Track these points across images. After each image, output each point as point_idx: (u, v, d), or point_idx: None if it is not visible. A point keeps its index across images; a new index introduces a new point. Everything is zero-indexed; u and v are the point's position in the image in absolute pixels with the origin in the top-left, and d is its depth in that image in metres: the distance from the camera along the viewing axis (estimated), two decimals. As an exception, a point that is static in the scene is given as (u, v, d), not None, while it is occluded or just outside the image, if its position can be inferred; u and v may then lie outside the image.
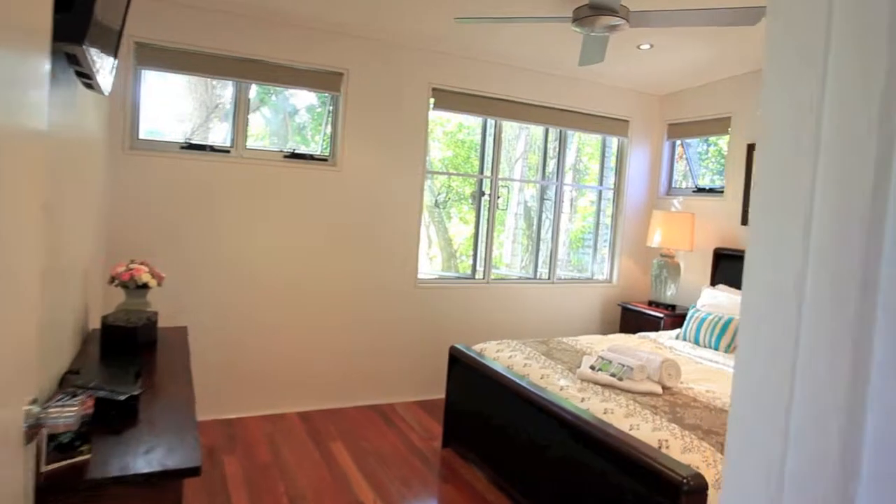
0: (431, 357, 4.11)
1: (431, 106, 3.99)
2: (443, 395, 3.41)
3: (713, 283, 4.25)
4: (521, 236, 4.86)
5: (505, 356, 3.07)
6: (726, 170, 4.33)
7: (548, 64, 4.15)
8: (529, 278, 4.67)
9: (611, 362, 2.76)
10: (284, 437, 3.27)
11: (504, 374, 2.78)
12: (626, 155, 4.81)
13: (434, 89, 3.98)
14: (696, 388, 2.72)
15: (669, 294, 4.40)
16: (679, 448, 2.03)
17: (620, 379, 2.63)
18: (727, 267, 4.19)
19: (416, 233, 4.02)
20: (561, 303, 4.64)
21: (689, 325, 3.79)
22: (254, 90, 3.62)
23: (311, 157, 3.71)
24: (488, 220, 4.36)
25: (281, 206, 3.57)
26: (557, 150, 4.67)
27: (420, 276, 4.12)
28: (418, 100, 3.94)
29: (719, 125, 4.39)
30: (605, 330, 4.84)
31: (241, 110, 3.50)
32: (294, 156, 3.66)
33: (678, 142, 4.86)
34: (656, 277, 4.45)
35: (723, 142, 4.64)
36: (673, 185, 4.90)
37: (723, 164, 4.66)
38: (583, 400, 2.46)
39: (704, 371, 3.04)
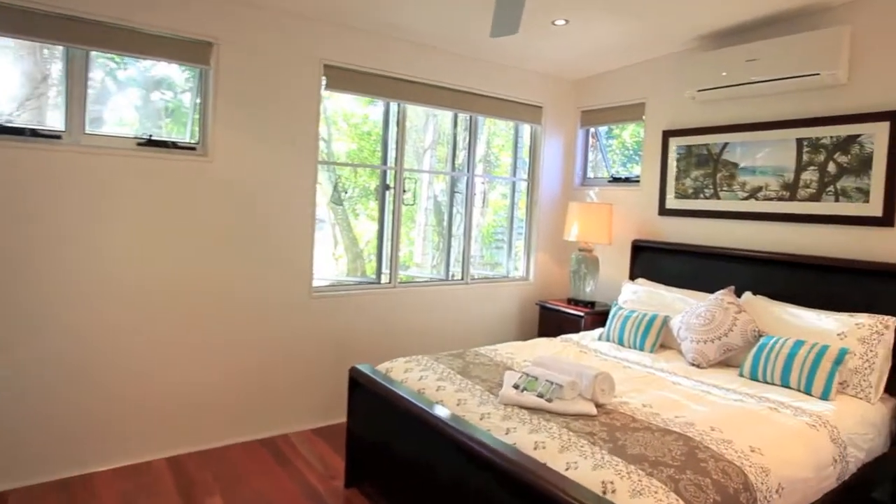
0: (332, 376, 3.58)
1: (324, 85, 3.44)
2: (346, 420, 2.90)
3: (632, 276, 4.03)
4: (432, 233, 4.42)
5: (415, 377, 2.61)
6: (642, 158, 4.12)
7: (457, 42, 3.73)
8: (441, 279, 4.24)
9: (537, 379, 2.38)
10: (146, 494, 2.63)
11: (414, 402, 2.32)
12: (539, 143, 4.50)
13: (326, 66, 3.43)
14: (632, 402, 2.40)
15: (589, 290, 4.14)
16: (627, 490, 1.67)
17: (549, 400, 2.26)
18: (646, 260, 3.98)
19: (310, 233, 3.46)
20: (476, 304, 4.25)
21: (613, 324, 3.52)
22: (98, 61, 2.90)
23: (173, 145, 3.05)
24: (394, 216, 3.88)
25: (134, 204, 2.88)
26: (468, 139, 4.27)
27: (318, 282, 3.57)
28: (308, 78, 3.37)
29: (633, 111, 4.17)
30: (524, 332, 4.52)
31: (75, 85, 2.78)
32: (151, 143, 2.98)
33: (591, 129, 4.62)
34: (575, 273, 4.17)
35: (627, 133, 4.45)
36: (587, 176, 4.66)
37: (628, 155, 4.47)
38: (508, 431, 2.05)
39: (635, 379, 2.75)
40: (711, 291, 3.43)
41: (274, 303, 3.34)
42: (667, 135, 3.90)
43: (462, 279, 4.25)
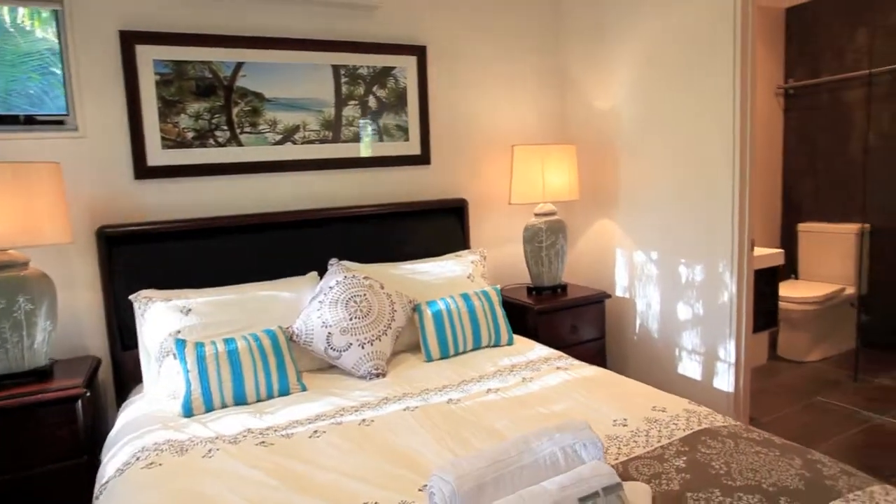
0: None
1: None
2: None
3: (108, 290, 2.26)
4: None
5: None
6: (68, 79, 2.25)
7: None
8: None
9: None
10: None
11: None
12: None
13: None
14: None
15: (40, 342, 2.04)
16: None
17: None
18: (133, 258, 2.31)
19: None
20: None
21: (209, 376, 1.94)
22: None
23: None
24: None
25: None
26: None
27: None
28: None
29: (29, -15, 2.16)
30: None
31: None
32: None
33: None
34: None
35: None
36: None
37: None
38: None
39: (447, 431, 1.71)
40: (278, 276, 2.45)
41: None
42: (130, 39, 2.27)
43: None
